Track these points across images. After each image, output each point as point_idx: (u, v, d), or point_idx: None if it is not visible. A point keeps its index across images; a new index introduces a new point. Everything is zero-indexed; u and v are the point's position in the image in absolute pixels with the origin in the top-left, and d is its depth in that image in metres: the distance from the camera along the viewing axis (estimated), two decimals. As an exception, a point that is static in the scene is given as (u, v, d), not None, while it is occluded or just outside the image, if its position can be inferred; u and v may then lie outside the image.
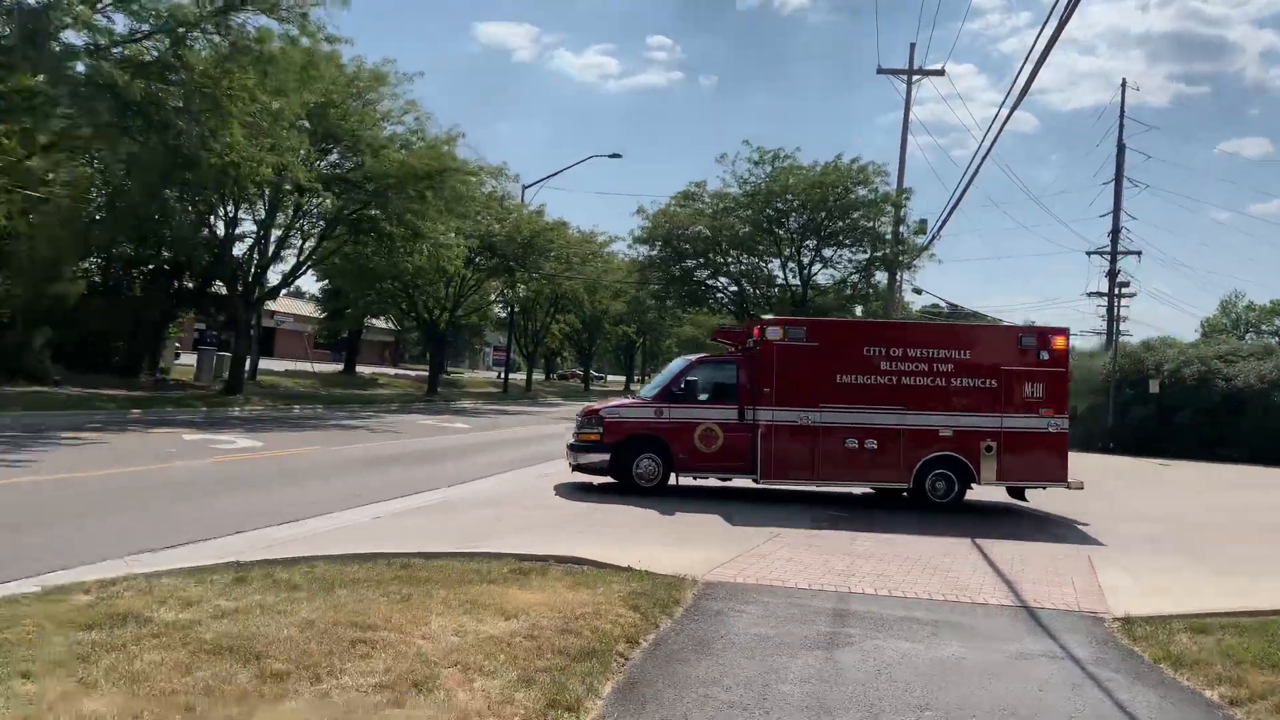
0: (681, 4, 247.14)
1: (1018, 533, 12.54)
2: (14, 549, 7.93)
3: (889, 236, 41.22)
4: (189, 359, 40.14)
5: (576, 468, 14.77)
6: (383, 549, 8.61)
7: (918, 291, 50.85)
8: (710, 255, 44.86)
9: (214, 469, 14.52)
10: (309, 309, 64.67)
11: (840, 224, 41.89)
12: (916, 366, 14.24)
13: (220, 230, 32.15)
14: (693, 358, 16.02)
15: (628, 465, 14.33)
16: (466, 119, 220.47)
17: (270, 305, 40.28)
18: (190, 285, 37.78)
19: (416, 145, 33.82)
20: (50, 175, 28.84)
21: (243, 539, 9.09)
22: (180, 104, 19.76)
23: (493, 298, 55.79)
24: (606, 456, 14.39)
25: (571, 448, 14.90)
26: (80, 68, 19.04)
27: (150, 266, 36.39)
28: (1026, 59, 23.90)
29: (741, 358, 15.07)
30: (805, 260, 43.58)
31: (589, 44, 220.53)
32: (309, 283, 65.05)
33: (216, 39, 21.27)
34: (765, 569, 9.00)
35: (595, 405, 15.52)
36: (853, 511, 13.88)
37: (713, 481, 15.14)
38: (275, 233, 33.82)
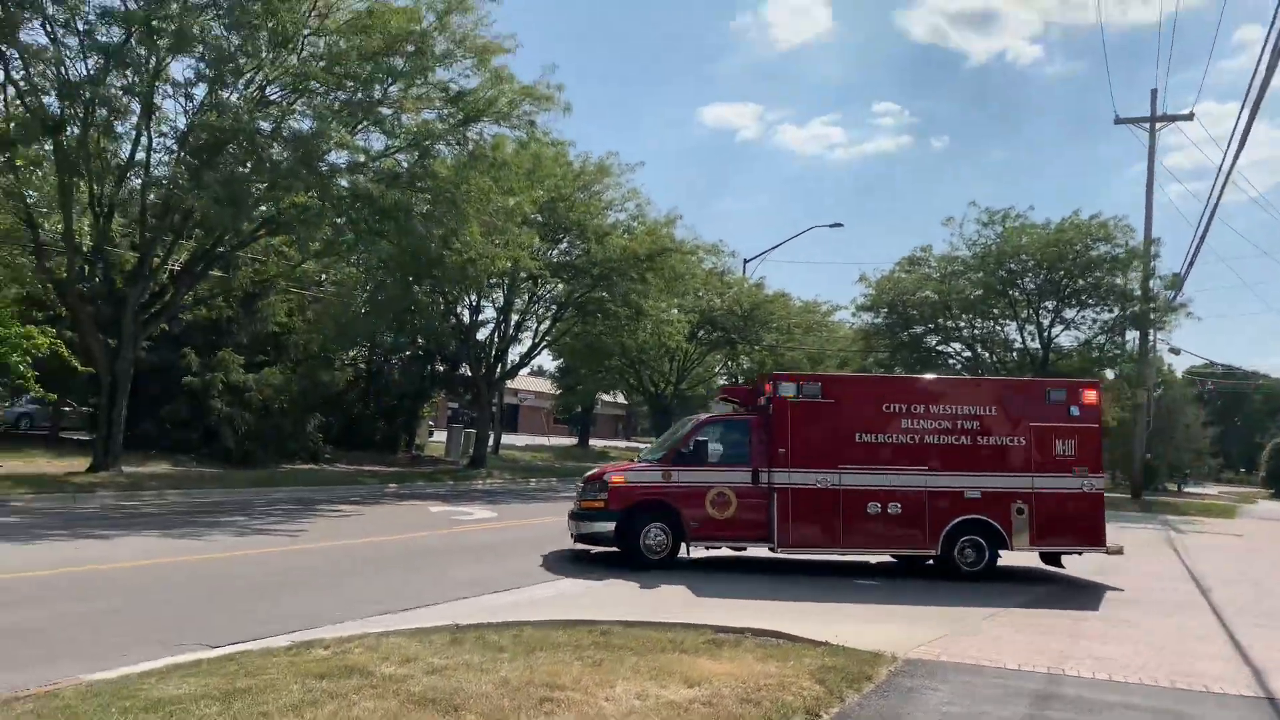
0: (909, 68, 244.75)
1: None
2: (277, 609, 9.09)
3: (1137, 293, 38.42)
4: (440, 436, 43.53)
5: (579, 538, 13.81)
6: (591, 616, 9.10)
7: (1175, 351, 46.79)
8: (939, 320, 43.59)
9: (452, 538, 15.77)
10: (548, 386, 68.41)
11: (1081, 282, 39.55)
12: (940, 424, 13.59)
13: (465, 317, 35.07)
14: (702, 416, 15.16)
15: (636, 535, 13.32)
16: (691, 199, 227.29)
17: (513, 384, 43.17)
18: (441, 368, 41.28)
19: (637, 229, 35.57)
20: (323, 277, 32.79)
21: (468, 604, 9.90)
22: (426, 209, 21.99)
23: (716, 369, 56.69)
24: (612, 526, 13.36)
25: (574, 516, 13.98)
26: (343, 183, 21.66)
27: (407, 353, 40.09)
28: None
29: (755, 417, 14.09)
30: (1045, 322, 41.38)
31: (813, 116, 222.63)
32: (547, 360, 68.94)
33: (456, 149, 23.59)
34: (973, 647, 8.71)
35: (599, 470, 14.52)
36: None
37: (725, 551, 14.39)
38: (514, 317, 36.43)
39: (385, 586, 10.70)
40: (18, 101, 20.37)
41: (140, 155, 21.64)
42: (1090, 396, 13.89)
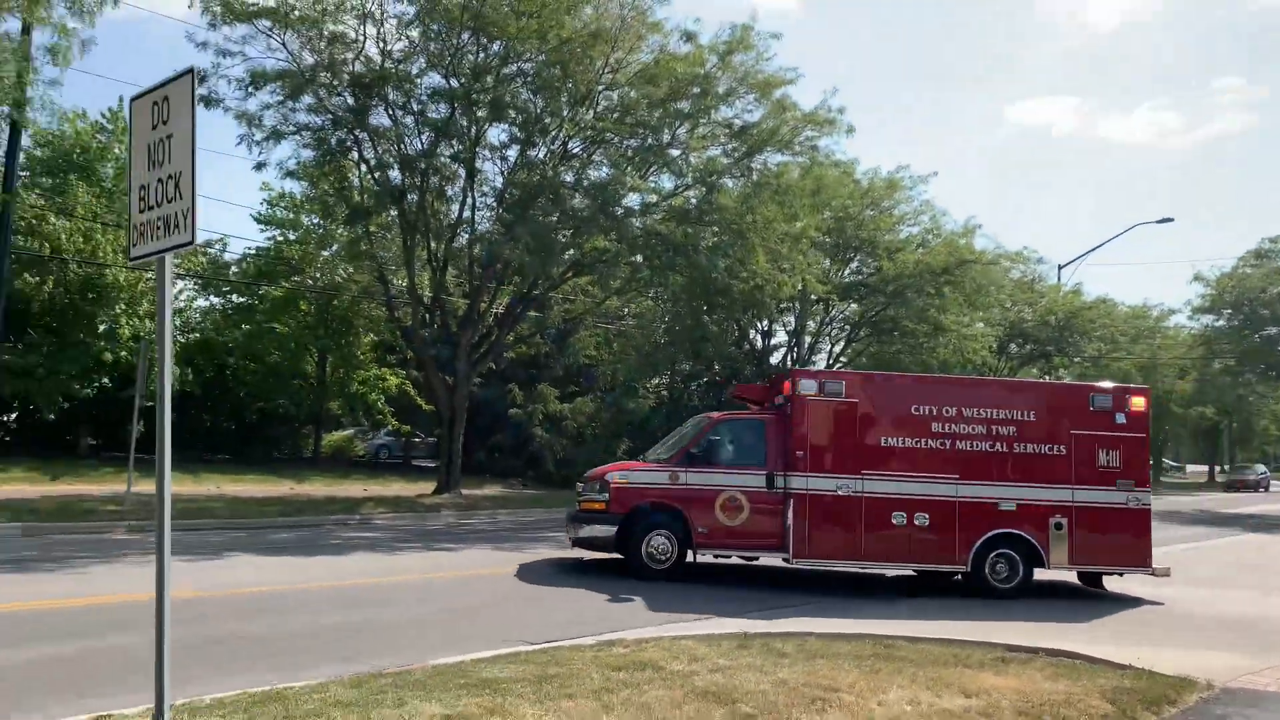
0: (1255, 37, 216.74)
1: None
2: (587, 613, 10.07)
3: None
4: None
5: (576, 542, 13.14)
6: (879, 631, 9.24)
7: None
8: (1299, 319, 38.45)
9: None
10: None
11: None
12: (974, 429, 12.67)
13: (758, 343, 35.84)
14: (714, 415, 14.26)
15: (639, 541, 12.59)
16: (995, 206, 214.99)
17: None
18: (738, 394, 42.32)
19: (932, 242, 34.59)
20: (625, 311, 34.98)
21: (766, 620, 10.37)
22: (714, 241, 23.02)
23: (1031, 386, 53.25)
24: (613, 530, 12.62)
25: (572, 519, 13.35)
26: (637, 224, 23.22)
27: (704, 380, 41.55)
28: None
29: (771, 416, 13.26)
30: None
31: (1140, 102, 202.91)
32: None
33: (740, 180, 24.46)
34: (1309, 679, 7.86)
35: (602, 469, 13.83)
36: None
37: (730, 561, 13.46)
38: (806, 339, 36.69)
39: (687, 596, 11.42)
40: (369, 176, 23.86)
41: (466, 214, 24.50)
42: (1138, 403, 12.96)
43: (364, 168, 23.87)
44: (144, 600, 8.53)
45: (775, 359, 37.32)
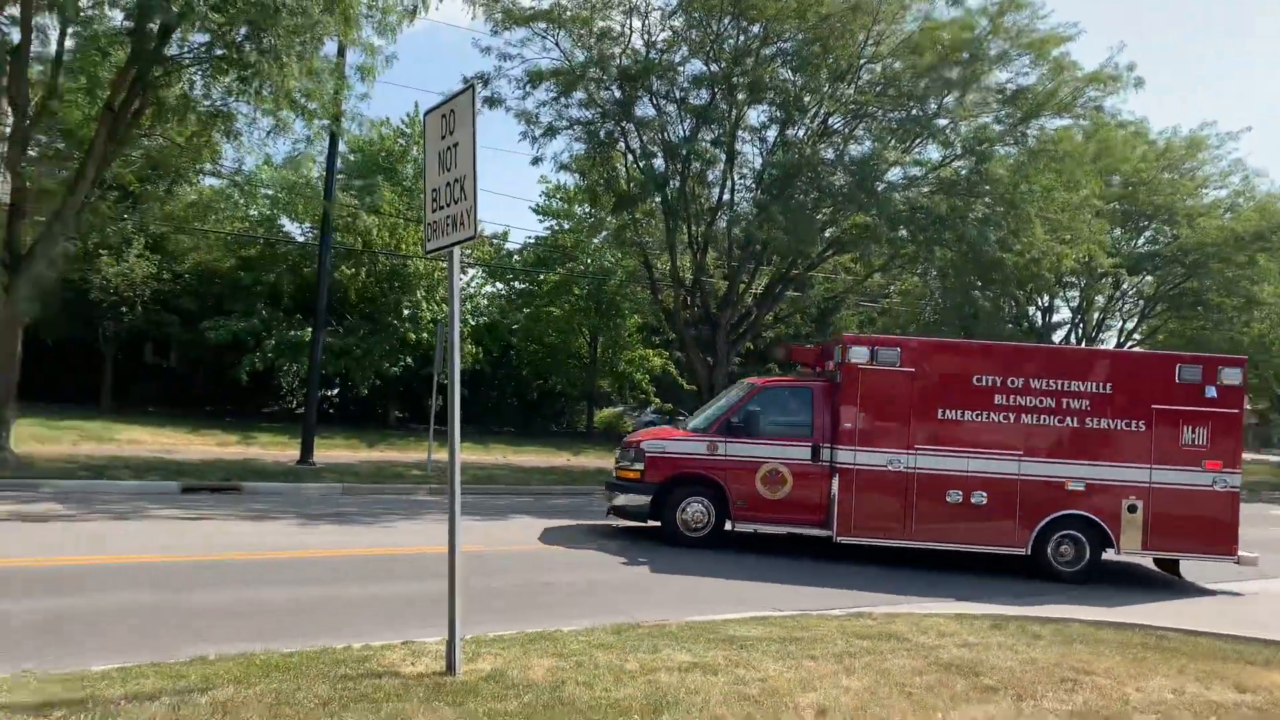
0: None
1: None
2: (849, 583, 10.24)
3: None
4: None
5: (612, 510, 12.81)
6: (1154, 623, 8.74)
7: None
8: None
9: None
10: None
11: None
12: (1041, 402, 11.85)
13: (1038, 320, 33.79)
14: (757, 382, 13.36)
15: (674, 509, 12.31)
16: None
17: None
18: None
19: (1244, 207, 31.01)
20: (890, 288, 34.19)
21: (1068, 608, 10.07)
22: (983, 213, 22.02)
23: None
24: (647, 499, 12.32)
25: (609, 486, 13.04)
26: (899, 198, 22.65)
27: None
28: None
29: (820, 384, 12.58)
30: None
31: None
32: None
33: (1014, 148, 23.19)
34: None
35: (637, 435, 13.26)
36: None
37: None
38: (1094, 316, 34.13)
39: (967, 580, 11.27)
40: (635, 165, 24.94)
41: (725, 197, 24.99)
42: (1232, 376, 11.86)
43: (630, 157, 24.98)
44: (440, 552, 9.75)
45: (1058, 337, 35.05)
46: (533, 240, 36.78)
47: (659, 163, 24.09)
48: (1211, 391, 11.86)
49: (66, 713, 4.59)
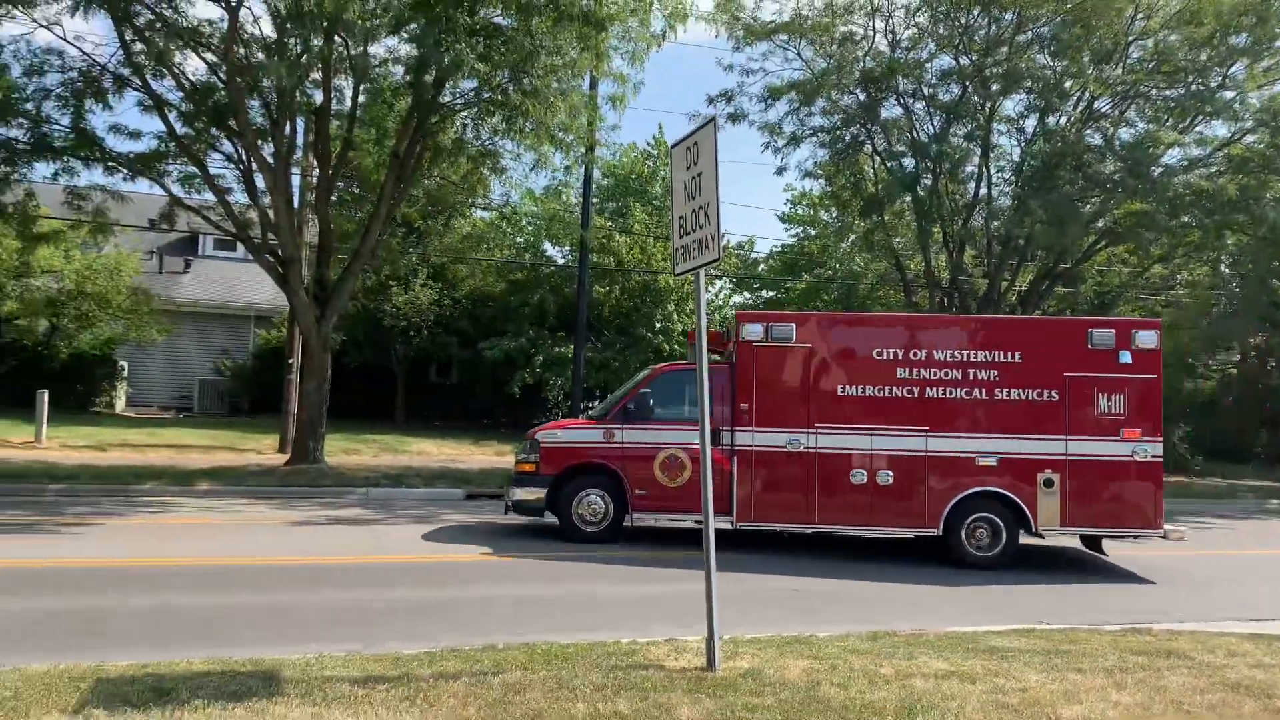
0: None
1: None
2: (1109, 605, 9.65)
3: None
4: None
5: (511, 507, 12.08)
6: None
7: None
8: None
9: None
10: None
11: None
12: (947, 374, 11.25)
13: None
14: (659, 366, 13.05)
15: (569, 502, 11.62)
16: None
17: None
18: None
19: None
20: (1175, 280, 31.27)
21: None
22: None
23: None
24: (542, 493, 11.67)
25: (509, 482, 12.48)
26: (1178, 181, 20.76)
27: (1284, 354, 35.40)
28: None
29: (722, 366, 11.82)
30: None
31: None
32: None
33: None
34: None
35: (536, 429, 12.62)
36: None
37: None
38: None
39: (1244, 597, 10.34)
40: (883, 167, 24.53)
41: (981, 192, 24.00)
42: (1147, 339, 11.25)
43: (876, 160, 24.60)
44: (688, 555, 10.22)
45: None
46: (779, 248, 36.96)
47: (908, 162, 23.56)
48: (1126, 357, 11.20)
49: (388, 687, 5.36)
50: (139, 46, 16.48)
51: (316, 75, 17.49)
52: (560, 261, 32.40)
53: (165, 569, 9.16)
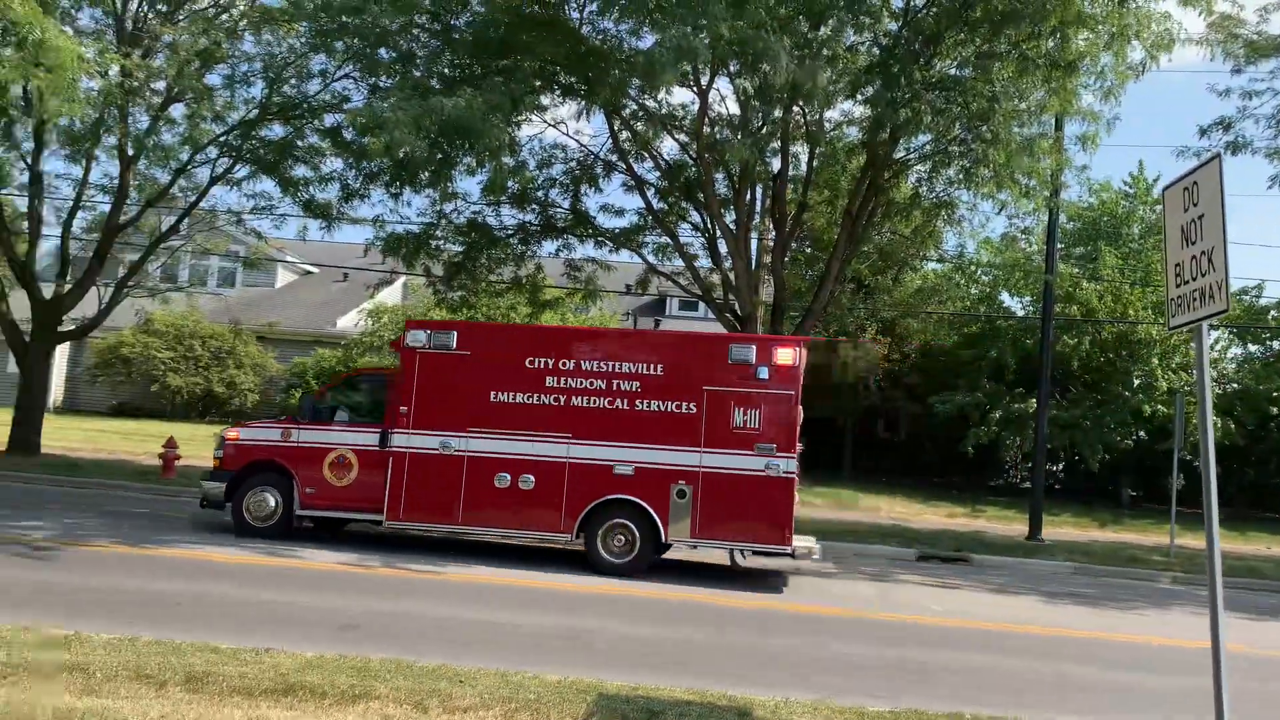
0: None
1: None
2: None
3: None
4: None
5: (201, 502, 12.49)
6: None
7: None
8: None
9: None
10: None
11: None
12: (592, 384, 11.51)
13: None
14: (351, 370, 14.40)
15: (240, 498, 12.02)
16: None
17: None
18: None
19: None
20: None
21: None
22: None
23: None
24: (222, 488, 12.09)
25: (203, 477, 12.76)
26: None
27: None
28: None
29: (396, 371, 12.21)
30: None
31: None
32: None
33: None
34: None
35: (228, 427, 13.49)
36: None
37: None
38: None
39: None
40: None
41: None
42: (786, 355, 11.38)
43: None
44: (1191, 647, 8.91)
45: None
46: (1294, 292, 31.37)
47: None
48: (764, 373, 11.38)
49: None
50: (625, 135, 18.71)
51: (775, 144, 18.48)
52: (1020, 313, 30.58)
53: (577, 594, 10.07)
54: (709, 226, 19.27)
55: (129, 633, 6.67)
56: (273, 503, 12.15)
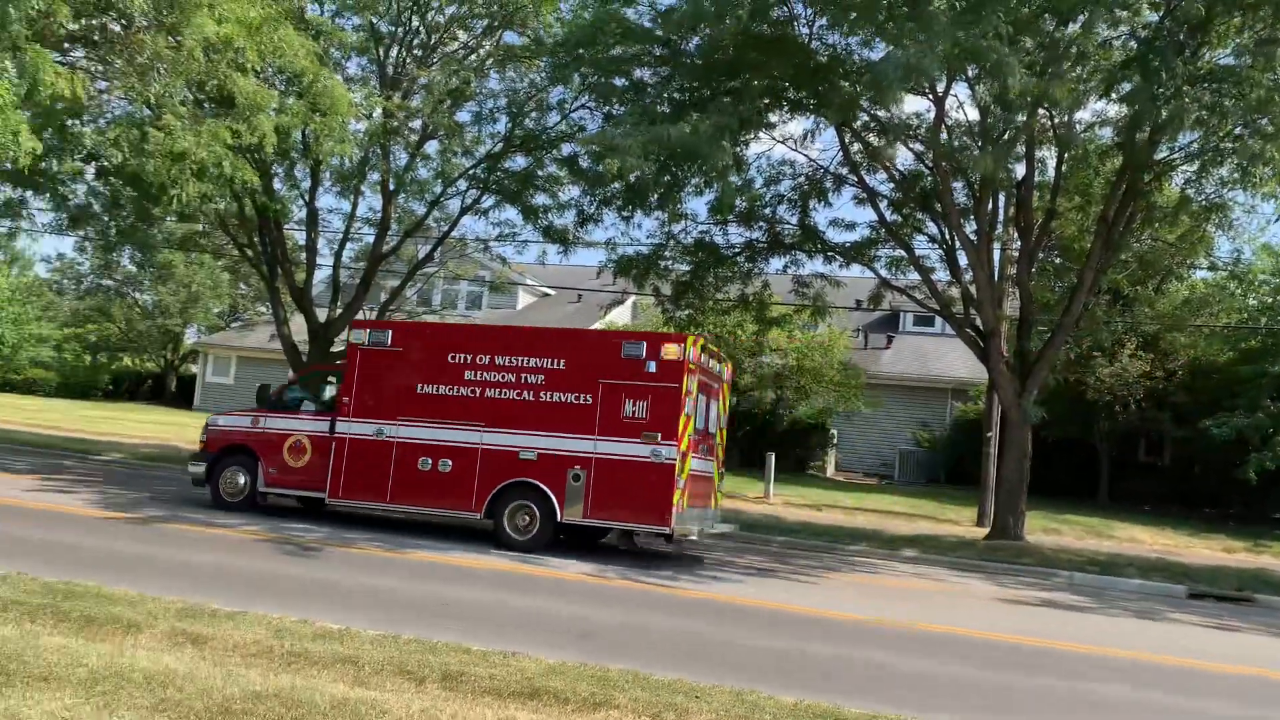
0: None
1: None
2: None
3: None
4: None
5: (193, 482, 14.12)
6: None
7: None
8: None
9: None
10: None
11: None
12: (502, 377, 12.69)
13: None
14: (317, 365, 16.96)
15: (216, 477, 13.77)
16: None
17: None
18: None
19: None
20: None
21: None
22: None
23: None
24: (203, 468, 13.81)
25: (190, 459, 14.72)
26: None
27: None
28: None
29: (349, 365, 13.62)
30: None
31: None
32: None
33: None
34: None
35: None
36: None
37: None
38: None
39: None
40: None
41: None
42: (671, 351, 12.21)
43: None
44: None
45: None
46: None
47: None
48: (652, 367, 12.13)
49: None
50: (856, 147, 18.32)
51: (1019, 149, 17.48)
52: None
53: (883, 628, 9.73)
54: (947, 237, 18.49)
55: (390, 630, 7.19)
56: (242, 481, 13.74)
